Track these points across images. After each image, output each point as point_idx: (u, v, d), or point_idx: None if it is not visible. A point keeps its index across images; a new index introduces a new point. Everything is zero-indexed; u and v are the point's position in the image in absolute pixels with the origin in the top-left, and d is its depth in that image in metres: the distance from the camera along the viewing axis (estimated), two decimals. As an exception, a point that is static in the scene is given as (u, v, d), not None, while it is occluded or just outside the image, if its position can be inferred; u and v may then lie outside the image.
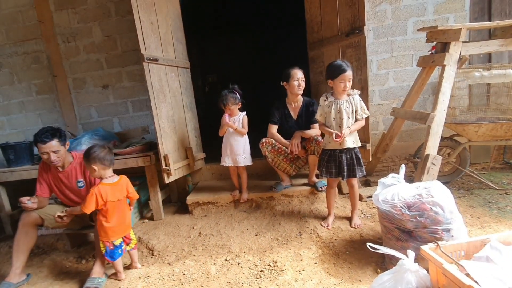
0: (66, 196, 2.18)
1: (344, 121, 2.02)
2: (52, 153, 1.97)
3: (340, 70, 1.97)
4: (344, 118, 2.02)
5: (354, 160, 2.08)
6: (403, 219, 1.61)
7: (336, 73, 1.99)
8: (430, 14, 2.92)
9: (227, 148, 2.53)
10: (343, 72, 1.96)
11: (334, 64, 2.01)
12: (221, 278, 1.87)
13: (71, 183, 2.13)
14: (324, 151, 2.18)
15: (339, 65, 1.99)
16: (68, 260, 2.35)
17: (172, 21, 2.79)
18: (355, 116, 2.06)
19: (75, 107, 3.32)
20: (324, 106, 2.10)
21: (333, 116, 2.05)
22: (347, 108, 2.04)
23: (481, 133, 2.38)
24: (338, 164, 2.10)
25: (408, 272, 1.27)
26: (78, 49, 3.22)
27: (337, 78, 1.99)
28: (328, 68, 2.05)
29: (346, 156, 2.08)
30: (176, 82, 2.77)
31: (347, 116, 2.03)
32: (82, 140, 2.76)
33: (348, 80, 1.98)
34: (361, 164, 2.10)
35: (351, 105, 2.04)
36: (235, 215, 2.59)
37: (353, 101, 2.04)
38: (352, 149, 2.08)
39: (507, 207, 2.28)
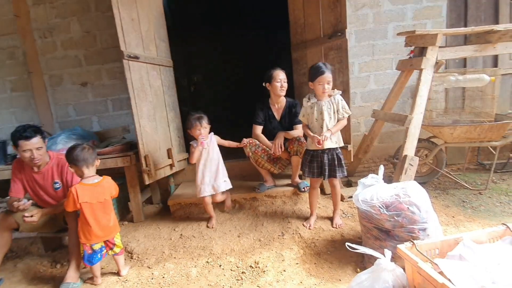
0: (40, 197, 2.08)
1: (325, 122, 2.05)
2: (35, 150, 1.90)
3: (318, 73, 2.00)
4: (326, 119, 2.05)
5: (335, 161, 2.11)
6: (382, 219, 1.64)
7: (314, 76, 2.02)
8: (409, 19, 3.01)
9: (205, 175, 2.34)
10: (321, 75, 1.99)
11: (314, 66, 2.04)
12: (201, 280, 1.84)
13: (47, 184, 2.04)
14: (307, 151, 2.20)
15: (317, 67, 2.01)
16: (42, 265, 2.24)
17: (154, 19, 2.73)
18: (337, 116, 2.09)
19: (52, 105, 3.19)
20: (307, 107, 2.12)
21: (315, 117, 2.08)
22: (329, 109, 2.07)
23: (456, 135, 2.47)
24: (320, 164, 2.13)
25: (385, 271, 1.29)
26: (55, 45, 3.10)
27: (315, 80, 2.02)
28: (309, 71, 2.09)
29: (327, 156, 2.11)
30: (158, 80, 2.71)
31: (328, 117, 2.06)
32: (58, 139, 2.65)
33: (326, 82, 2.01)
34: (342, 164, 2.13)
35: (333, 105, 2.07)
36: (217, 216, 2.56)
37: (335, 101, 2.07)
38: (333, 149, 2.11)
39: (480, 207, 2.38)
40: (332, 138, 2.08)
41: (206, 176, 2.34)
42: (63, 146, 2.56)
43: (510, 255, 1.25)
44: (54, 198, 2.07)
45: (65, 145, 2.57)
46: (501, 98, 3.11)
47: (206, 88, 7.09)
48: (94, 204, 1.82)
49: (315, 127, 2.09)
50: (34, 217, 1.89)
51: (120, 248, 1.96)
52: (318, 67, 2.01)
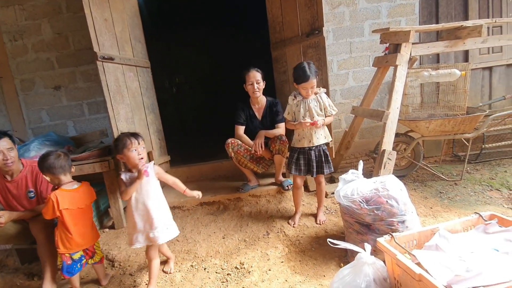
0: (13, 208, 1.98)
1: (314, 119, 2.07)
2: (7, 151, 1.83)
3: (302, 79, 1.98)
4: (314, 115, 2.06)
5: (323, 157, 2.12)
6: (362, 213, 1.67)
7: (299, 80, 2.01)
8: (384, 17, 3.08)
9: (140, 219, 1.68)
10: (305, 81, 1.98)
11: (298, 69, 2.01)
12: (186, 285, 1.81)
13: (21, 193, 1.95)
14: (294, 149, 2.19)
15: (302, 72, 1.97)
16: (19, 278, 2.14)
17: (129, 19, 2.66)
18: (325, 113, 2.11)
19: (24, 110, 3.04)
20: (293, 105, 2.11)
21: (302, 114, 2.07)
22: (316, 106, 2.08)
23: (432, 129, 2.55)
24: (308, 161, 2.14)
25: (366, 265, 1.31)
26: (26, 47, 2.96)
27: (300, 85, 2.03)
28: (294, 71, 2.06)
29: (315, 153, 2.12)
30: (135, 82, 2.64)
31: (316, 114, 2.07)
32: (31, 146, 2.53)
33: (310, 88, 2.01)
34: (329, 161, 2.15)
35: (319, 103, 2.08)
36: (201, 219, 2.53)
37: (321, 99, 2.08)
38: (320, 146, 2.13)
39: (456, 197, 2.47)
40: (321, 133, 2.10)
41: (140, 219, 1.68)
42: (37, 153, 2.44)
43: (482, 243, 1.30)
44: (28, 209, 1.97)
45: (38, 152, 2.46)
46: (472, 91, 3.25)
47: (189, 89, 7.01)
48: (75, 210, 1.76)
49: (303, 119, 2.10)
50: (1, 218, 1.80)
51: (100, 257, 1.89)
52: (302, 71, 1.97)
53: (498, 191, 2.49)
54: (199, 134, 5.62)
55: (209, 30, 6.43)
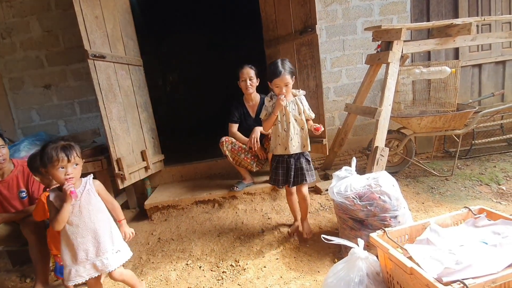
0: (4, 208, 1.94)
1: (291, 124, 1.85)
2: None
3: (274, 74, 1.75)
4: (291, 121, 1.85)
5: (303, 165, 1.90)
6: (356, 209, 1.69)
7: (271, 77, 1.79)
8: (376, 15, 3.10)
9: (83, 247, 1.41)
10: (276, 77, 1.75)
11: (271, 65, 1.82)
12: (181, 284, 1.81)
13: (12, 194, 1.92)
14: (274, 157, 2.00)
15: (274, 67, 1.76)
16: (11, 280, 2.11)
17: (121, 16, 2.62)
18: (304, 117, 1.89)
19: (13, 109, 2.99)
20: (269, 107, 1.89)
21: (279, 119, 1.87)
22: (294, 110, 1.87)
23: (423, 125, 2.59)
24: (286, 171, 1.91)
25: (359, 260, 1.33)
26: (14, 45, 2.90)
27: (272, 82, 1.80)
28: (267, 69, 1.86)
29: (294, 161, 1.90)
30: (127, 80, 2.61)
31: (294, 119, 1.87)
32: (21, 146, 2.49)
33: (284, 85, 1.77)
34: (312, 168, 1.95)
35: (297, 106, 1.88)
36: (196, 217, 2.53)
37: (300, 102, 1.89)
38: (301, 153, 1.91)
39: (447, 192, 2.51)
40: (298, 141, 1.88)
41: (81, 251, 1.40)
42: (27, 154, 2.40)
43: (471, 236, 1.33)
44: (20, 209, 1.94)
45: (28, 152, 2.41)
46: (462, 88, 3.30)
47: (183, 88, 6.97)
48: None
49: (278, 130, 1.88)
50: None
51: (94, 257, 1.88)
52: (274, 67, 1.76)
53: (487, 185, 2.54)
54: (193, 133, 5.59)
55: (204, 28, 6.39)
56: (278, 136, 1.89)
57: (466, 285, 1.00)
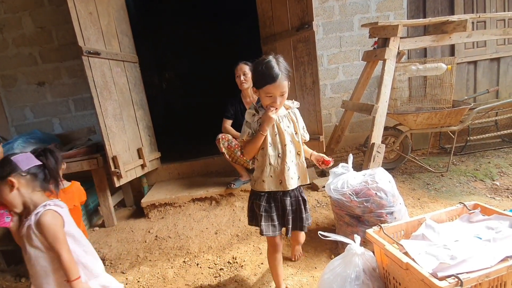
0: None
1: (287, 148, 1.35)
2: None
3: (268, 78, 1.23)
4: (287, 143, 1.35)
5: (301, 204, 1.45)
6: (352, 206, 1.70)
7: (262, 81, 1.26)
8: (373, 11, 3.10)
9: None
10: (270, 83, 1.23)
11: (261, 64, 1.26)
12: (179, 281, 1.81)
13: None
14: (256, 194, 1.42)
15: (267, 69, 1.23)
16: (6, 280, 2.09)
17: (116, 12, 2.59)
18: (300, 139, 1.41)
19: (6, 107, 2.94)
20: (252, 123, 1.36)
21: (270, 140, 1.34)
22: (288, 128, 1.37)
23: (419, 122, 2.60)
24: (282, 212, 1.42)
25: (356, 256, 1.34)
26: (6, 42, 2.85)
27: (262, 88, 1.27)
28: (253, 71, 1.35)
29: (290, 200, 1.42)
30: (122, 77, 2.59)
31: (290, 138, 1.37)
32: (14, 144, 2.45)
33: (280, 94, 1.27)
34: (308, 209, 1.50)
35: (292, 123, 1.39)
36: (194, 215, 2.52)
37: (295, 117, 1.41)
38: (296, 188, 1.44)
39: (443, 188, 2.54)
40: (295, 171, 1.39)
41: None
42: (20, 152, 2.37)
43: (466, 231, 1.34)
44: None
45: (22, 150, 2.38)
46: (458, 85, 3.32)
47: (179, 85, 6.93)
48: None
49: (269, 156, 1.35)
50: None
51: (90, 256, 1.86)
52: (268, 68, 1.23)
53: (482, 181, 2.57)
54: (189, 130, 5.57)
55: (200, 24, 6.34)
56: (270, 165, 1.35)
57: (461, 279, 1.02)
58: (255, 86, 1.34)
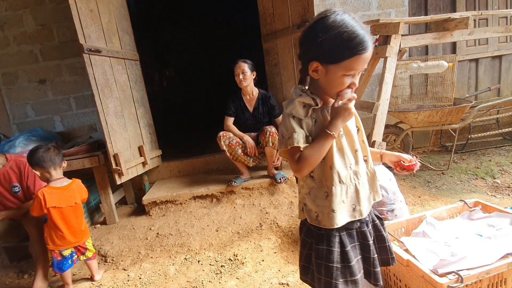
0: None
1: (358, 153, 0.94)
2: None
3: (357, 46, 0.79)
4: (358, 146, 0.94)
5: (380, 227, 1.02)
6: (353, 203, 1.71)
7: (341, 52, 0.81)
8: (374, 9, 3.09)
9: None
10: (361, 52, 0.80)
11: (341, 27, 0.80)
12: (180, 278, 1.82)
13: (4, 188, 1.90)
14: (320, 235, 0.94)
15: (354, 31, 0.79)
16: (8, 276, 2.11)
17: (116, 10, 2.58)
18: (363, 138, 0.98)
19: (7, 105, 2.95)
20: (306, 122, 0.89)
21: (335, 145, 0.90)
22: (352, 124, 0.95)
23: (420, 120, 2.60)
24: (362, 255, 0.96)
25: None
26: (7, 39, 2.85)
27: (340, 63, 0.82)
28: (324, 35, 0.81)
29: (368, 228, 0.97)
30: (123, 75, 2.59)
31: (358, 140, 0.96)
32: (16, 142, 2.47)
33: (358, 73, 0.87)
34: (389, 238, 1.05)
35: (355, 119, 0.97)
36: (195, 212, 2.53)
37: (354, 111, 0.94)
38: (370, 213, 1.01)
39: (443, 186, 2.54)
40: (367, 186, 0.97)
41: None
42: (22, 149, 2.39)
43: (467, 228, 1.35)
44: (14, 204, 1.93)
45: (24, 148, 2.40)
46: (459, 83, 3.32)
47: (180, 83, 6.92)
48: (64, 208, 1.74)
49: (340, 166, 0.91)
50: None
51: (92, 253, 1.88)
52: (352, 28, 0.79)
53: (482, 179, 2.57)
54: (190, 128, 5.57)
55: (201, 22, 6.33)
56: (340, 185, 0.90)
57: (461, 276, 1.02)
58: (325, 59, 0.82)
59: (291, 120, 0.89)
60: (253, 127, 2.66)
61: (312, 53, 0.85)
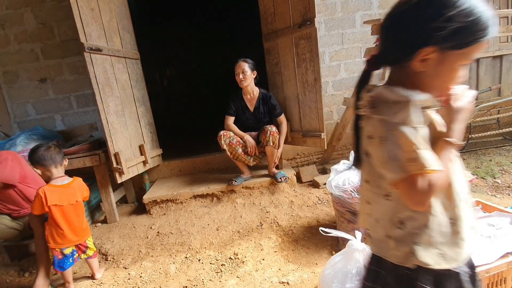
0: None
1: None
2: None
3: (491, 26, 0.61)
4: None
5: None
6: (353, 202, 1.71)
7: (481, 33, 0.61)
8: (375, 8, 3.08)
9: None
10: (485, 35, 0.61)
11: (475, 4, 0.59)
12: (180, 276, 1.83)
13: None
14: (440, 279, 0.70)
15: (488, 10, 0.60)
16: (9, 275, 2.11)
17: (117, 8, 2.58)
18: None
19: (8, 103, 2.95)
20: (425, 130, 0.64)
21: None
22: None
23: (421, 119, 2.60)
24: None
25: (357, 252, 1.34)
26: (8, 38, 2.85)
27: (463, 49, 0.62)
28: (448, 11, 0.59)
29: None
30: (124, 74, 2.59)
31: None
32: (17, 140, 2.47)
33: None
34: None
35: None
36: (195, 211, 2.53)
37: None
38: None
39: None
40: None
41: None
42: (23, 148, 2.39)
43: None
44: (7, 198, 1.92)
45: (25, 146, 2.40)
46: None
47: (180, 82, 6.92)
48: (65, 206, 1.74)
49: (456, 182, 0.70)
50: None
51: (93, 251, 1.88)
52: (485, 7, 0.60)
53: (483, 179, 2.57)
54: (191, 127, 5.57)
55: (201, 21, 6.33)
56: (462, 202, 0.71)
57: (462, 275, 1.02)
58: (440, 44, 0.62)
59: (410, 133, 0.62)
60: (253, 126, 2.66)
61: (426, 36, 0.62)
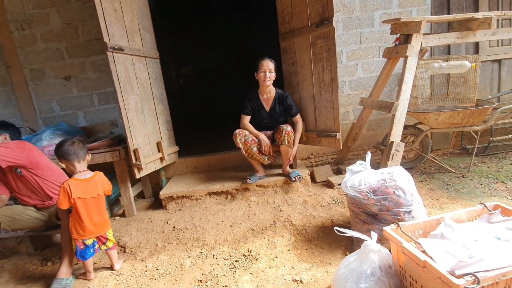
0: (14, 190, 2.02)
1: None
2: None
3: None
4: None
5: None
6: (369, 203, 1.70)
7: None
8: (395, 7, 3.03)
9: None
10: None
11: None
12: (195, 270, 1.87)
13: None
14: None
15: None
16: (32, 263, 2.22)
17: (138, 9, 2.66)
18: None
19: (34, 100, 3.10)
20: None
21: None
22: None
23: (441, 121, 2.54)
24: None
25: (372, 252, 1.34)
26: (34, 37, 2.98)
27: None
28: None
29: None
30: (144, 73, 2.66)
31: None
32: (42, 135, 2.59)
33: None
34: None
35: None
36: (210, 208, 2.58)
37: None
38: None
39: (463, 189, 2.48)
40: None
41: None
42: (48, 143, 2.51)
43: (485, 231, 1.32)
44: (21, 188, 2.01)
45: (50, 141, 2.52)
46: (481, 84, 3.21)
47: (196, 80, 7.02)
48: (87, 199, 1.82)
49: None
50: None
51: (113, 243, 1.96)
52: None
53: (503, 183, 2.49)
54: (206, 125, 5.65)
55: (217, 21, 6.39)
56: None
57: (478, 277, 1.01)
58: None
59: None
60: (269, 126, 2.68)
61: None
